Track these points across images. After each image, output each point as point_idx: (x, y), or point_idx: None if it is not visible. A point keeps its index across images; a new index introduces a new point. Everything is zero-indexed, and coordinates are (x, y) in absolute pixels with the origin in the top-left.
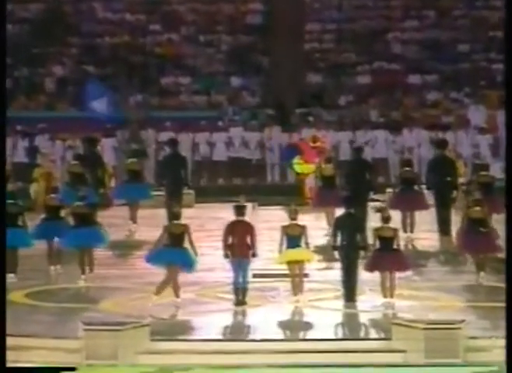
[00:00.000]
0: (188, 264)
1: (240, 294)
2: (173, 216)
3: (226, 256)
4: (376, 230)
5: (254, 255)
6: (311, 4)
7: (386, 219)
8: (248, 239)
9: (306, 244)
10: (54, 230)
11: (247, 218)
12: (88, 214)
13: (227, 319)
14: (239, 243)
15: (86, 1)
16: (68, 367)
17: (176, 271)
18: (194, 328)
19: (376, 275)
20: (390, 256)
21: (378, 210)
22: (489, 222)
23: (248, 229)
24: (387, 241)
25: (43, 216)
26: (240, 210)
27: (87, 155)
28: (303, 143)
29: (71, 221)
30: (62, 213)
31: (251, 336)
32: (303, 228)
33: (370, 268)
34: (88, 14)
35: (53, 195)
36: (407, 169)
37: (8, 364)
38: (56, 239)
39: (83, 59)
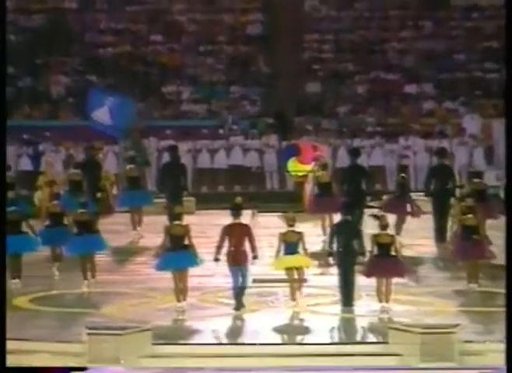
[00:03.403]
0: (195, 263)
1: (240, 298)
2: (174, 217)
3: (217, 259)
4: (375, 236)
5: (255, 257)
6: (310, 14)
7: (384, 226)
8: (246, 243)
9: (304, 250)
10: (57, 236)
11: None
12: (89, 221)
13: (227, 324)
14: (237, 249)
15: (89, 11)
16: (78, 367)
17: (182, 275)
18: (196, 332)
19: (373, 280)
20: (387, 262)
21: (376, 217)
22: (482, 229)
23: (245, 231)
24: (384, 247)
25: (46, 223)
26: (237, 210)
27: (88, 163)
28: (302, 143)
29: (73, 228)
30: (65, 220)
31: (251, 340)
32: (301, 234)
33: (368, 274)
34: (91, 24)
35: (55, 202)
36: (403, 175)
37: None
38: (59, 246)
39: (86, 68)
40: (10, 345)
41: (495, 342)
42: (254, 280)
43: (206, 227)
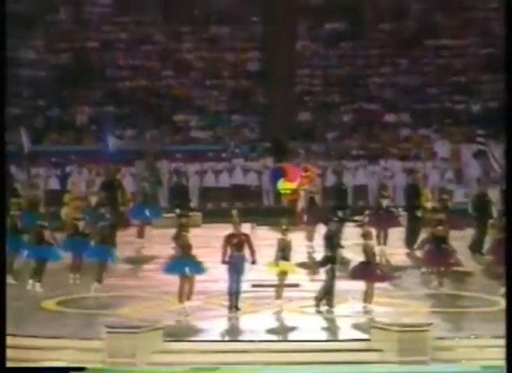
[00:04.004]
0: (198, 271)
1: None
2: (182, 227)
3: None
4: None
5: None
6: (301, 53)
7: (366, 235)
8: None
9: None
10: (78, 246)
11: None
12: (108, 233)
13: (229, 323)
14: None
15: (109, 50)
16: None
17: (186, 280)
18: (201, 330)
19: (357, 285)
20: (371, 269)
21: (361, 226)
22: (450, 241)
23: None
24: (369, 255)
25: (69, 233)
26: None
27: (108, 182)
28: (286, 165)
29: (93, 239)
30: (85, 231)
31: (250, 338)
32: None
33: (354, 278)
34: (110, 61)
35: (79, 216)
36: (383, 192)
37: (41, 363)
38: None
39: (107, 100)
40: (40, 342)
41: (463, 338)
42: (254, 285)
43: (211, 238)
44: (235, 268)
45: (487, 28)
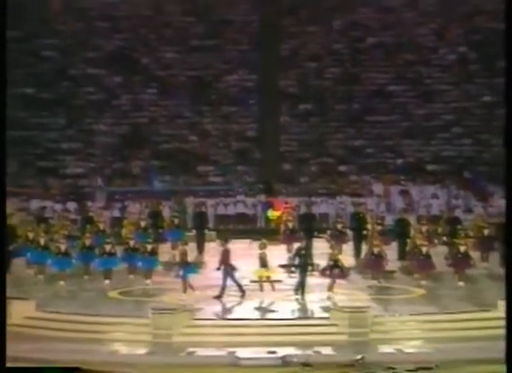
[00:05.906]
0: (191, 272)
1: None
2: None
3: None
4: (329, 254)
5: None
6: (284, 124)
7: (331, 247)
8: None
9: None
10: (132, 257)
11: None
12: (152, 247)
13: (234, 305)
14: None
15: (154, 123)
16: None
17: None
18: (215, 310)
19: (323, 281)
20: (335, 270)
21: (328, 241)
22: (383, 251)
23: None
24: (333, 260)
25: (125, 247)
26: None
27: (153, 212)
28: (273, 199)
29: (143, 251)
30: (136, 246)
31: (248, 316)
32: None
33: (324, 276)
34: (155, 131)
35: (133, 235)
36: (339, 219)
37: (106, 334)
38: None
39: (152, 157)
40: (109, 319)
41: (391, 316)
42: (251, 281)
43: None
44: (226, 271)
45: (406, 108)
